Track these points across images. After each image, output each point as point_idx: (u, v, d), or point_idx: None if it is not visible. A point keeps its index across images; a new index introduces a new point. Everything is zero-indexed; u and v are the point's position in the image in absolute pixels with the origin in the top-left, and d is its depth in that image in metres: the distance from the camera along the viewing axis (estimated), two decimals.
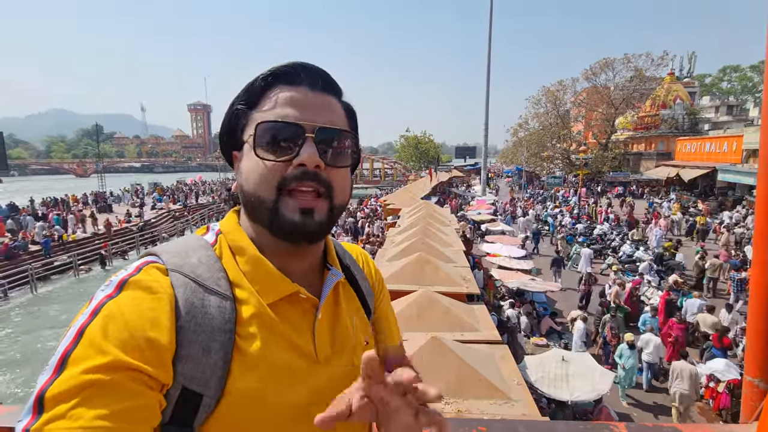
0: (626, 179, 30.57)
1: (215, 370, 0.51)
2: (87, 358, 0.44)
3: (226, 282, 0.56)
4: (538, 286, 10.00)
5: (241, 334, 0.54)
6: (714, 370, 6.40)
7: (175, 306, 0.51)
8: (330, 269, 0.67)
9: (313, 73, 0.60)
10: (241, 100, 0.61)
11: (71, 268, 15.98)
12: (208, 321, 0.52)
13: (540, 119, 36.25)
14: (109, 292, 0.50)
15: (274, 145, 0.56)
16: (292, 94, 0.58)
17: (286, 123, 0.56)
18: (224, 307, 0.54)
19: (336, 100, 0.63)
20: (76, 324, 0.47)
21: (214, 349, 0.51)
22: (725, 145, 22.61)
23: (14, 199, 25.43)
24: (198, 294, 0.53)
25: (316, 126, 0.57)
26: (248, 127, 0.59)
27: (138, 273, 0.52)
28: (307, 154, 0.55)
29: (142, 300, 0.50)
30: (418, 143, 51.23)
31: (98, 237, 19.49)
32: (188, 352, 0.50)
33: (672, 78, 33.20)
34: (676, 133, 30.05)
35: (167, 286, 0.52)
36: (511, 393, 4.17)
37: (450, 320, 5.37)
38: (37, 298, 13.73)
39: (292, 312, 0.60)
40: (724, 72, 52.37)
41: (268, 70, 0.60)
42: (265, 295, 0.57)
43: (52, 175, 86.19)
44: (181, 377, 0.50)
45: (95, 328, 0.46)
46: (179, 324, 0.51)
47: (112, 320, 0.47)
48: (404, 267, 6.78)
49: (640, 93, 33.02)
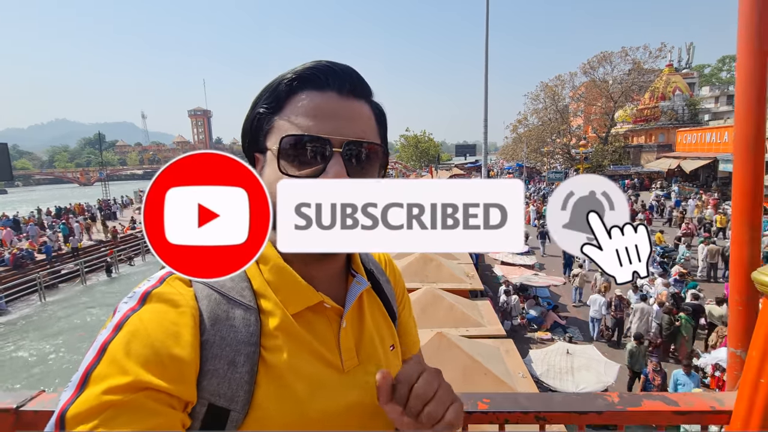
0: (627, 172, 30.52)
1: (242, 384, 0.50)
2: (108, 377, 0.44)
3: (251, 292, 0.55)
4: (541, 281, 10.05)
5: (267, 347, 0.53)
6: (720, 360, 6.43)
7: (200, 319, 0.51)
8: (355, 276, 0.66)
9: (341, 76, 0.57)
10: (264, 103, 0.58)
11: (78, 275, 16.13)
12: (234, 334, 0.52)
13: (539, 115, 36.23)
14: (132, 305, 0.49)
15: (299, 158, 0.54)
16: (318, 101, 0.55)
17: (312, 137, 0.53)
18: (249, 319, 0.53)
19: (365, 104, 0.60)
20: (100, 338, 0.47)
21: (240, 362, 0.51)
22: (726, 135, 22.55)
23: (19, 208, 25.58)
24: (222, 306, 0.53)
25: (344, 140, 0.54)
26: (272, 134, 0.56)
27: (161, 285, 0.52)
28: (334, 171, 0.53)
29: (165, 314, 0.49)
30: (418, 142, 51.22)
31: (104, 244, 19.62)
32: (213, 366, 0.50)
33: (670, 69, 33.15)
34: (676, 125, 30.00)
35: (191, 299, 0.51)
36: (516, 386, 4.23)
37: (454, 316, 5.43)
38: (45, 305, 13.85)
39: (316, 322, 0.59)
40: (724, 62, 52.24)
41: (293, 73, 0.57)
42: (289, 305, 0.56)
43: (55, 184, 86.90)
44: (207, 393, 0.49)
45: (118, 345, 0.46)
46: (204, 338, 0.50)
47: (135, 336, 0.46)
48: (408, 265, 6.85)
49: (638, 86, 32.97)
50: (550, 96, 34.94)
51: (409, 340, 0.78)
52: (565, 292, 11.14)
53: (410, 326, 0.80)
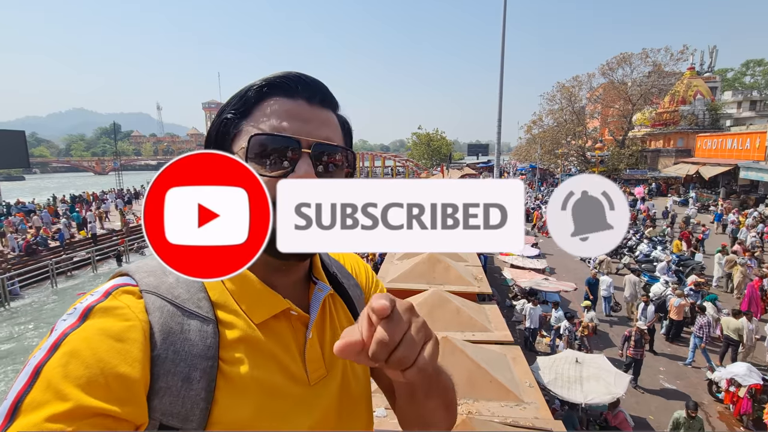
0: (643, 177, 29.90)
1: (197, 402, 0.47)
2: (44, 404, 0.38)
3: (208, 303, 0.52)
4: (551, 286, 9.85)
5: (226, 359, 0.50)
6: (735, 375, 6.20)
7: (150, 333, 0.47)
8: (316, 283, 0.64)
9: (310, 86, 0.57)
10: (231, 109, 0.56)
11: (89, 263, 16.39)
12: (189, 348, 0.48)
13: (554, 116, 35.69)
14: (71, 322, 0.45)
15: (267, 159, 0.52)
16: (288, 106, 0.55)
17: (281, 136, 0.53)
18: (206, 331, 0.50)
19: (332, 114, 0.60)
20: (33, 361, 0.42)
21: (196, 378, 0.47)
22: (748, 142, 21.91)
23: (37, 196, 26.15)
24: (176, 318, 0.49)
25: (313, 141, 0.54)
26: (239, 139, 0.55)
27: (106, 299, 0.48)
28: (303, 170, 0.52)
29: (109, 330, 0.45)
30: (430, 140, 50.97)
31: (116, 233, 19.93)
32: (166, 384, 0.46)
33: (692, 73, 32.29)
34: (696, 130, 29.23)
35: (140, 312, 0.48)
36: (523, 395, 4.10)
37: (461, 320, 5.32)
38: (57, 291, 14.14)
39: (281, 330, 0.56)
40: (747, 66, 50.70)
41: (262, 80, 0.56)
42: (254, 314, 0.54)
43: (71, 172, 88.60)
44: (158, 413, 0.46)
45: (54, 367, 0.40)
46: (155, 353, 0.46)
47: (74, 356, 0.41)
48: (415, 266, 6.74)
49: (658, 88, 32.22)
50: (566, 97, 34.36)
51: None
52: (576, 298, 10.92)
53: None
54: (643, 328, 7.28)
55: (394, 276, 6.71)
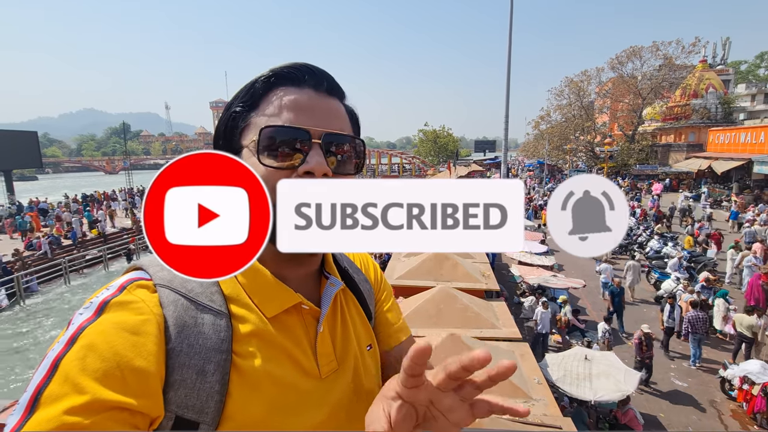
0: (654, 172, 29.46)
1: (212, 395, 0.47)
2: (62, 397, 0.39)
3: (221, 297, 0.53)
4: (560, 283, 9.78)
5: (239, 353, 0.50)
6: (748, 372, 6.11)
7: (165, 327, 0.47)
8: (328, 278, 0.64)
9: (317, 75, 0.57)
10: (240, 102, 0.56)
11: (101, 261, 16.63)
12: (203, 341, 0.48)
13: (563, 111, 35.27)
14: (88, 316, 0.46)
15: (278, 150, 0.52)
16: (296, 96, 0.55)
17: (292, 128, 0.53)
18: (219, 325, 0.50)
19: (340, 104, 0.60)
20: (51, 354, 0.43)
21: (210, 371, 0.48)
22: (762, 135, 21.46)
23: (49, 195, 26.61)
24: (190, 312, 0.49)
25: (323, 132, 0.54)
26: (248, 131, 0.55)
27: (121, 293, 0.48)
28: (315, 161, 0.52)
29: (125, 324, 0.45)
30: (436, 137, 50.76)
31: (126, 232, 20.18)
32: (181, 377, 0.46)
33: (704, 66, 31.61)
34: (709, 124, 28.69)
35: (154, 305, 0.48)
36: (531, 392, 4.09)
37: (469, 317, 5.31)
38: (71, 288, 14.42)
39: (292, 324, 0.57)
40: (762, 58, 49.62)
41: (269, 71, 0.56)
42: (267, 308, 0.54)
43: (83, 172, 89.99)
44: (174, 405, 0.46)
45: (72, 360, 0.41)
46: (169, 347, 0.47)
47: (91, 349, 0.42)
48: (422, 263, 6.75)
49: (669, 82, 31.65)
50: (574, 92, 33.95)
51: (386, 331, 0.75)
52: (585, 294, 10.83)
53: (387, 318, 0.77)
54: (647, 331, 7.21)
55: (402, 273, 6.72)
